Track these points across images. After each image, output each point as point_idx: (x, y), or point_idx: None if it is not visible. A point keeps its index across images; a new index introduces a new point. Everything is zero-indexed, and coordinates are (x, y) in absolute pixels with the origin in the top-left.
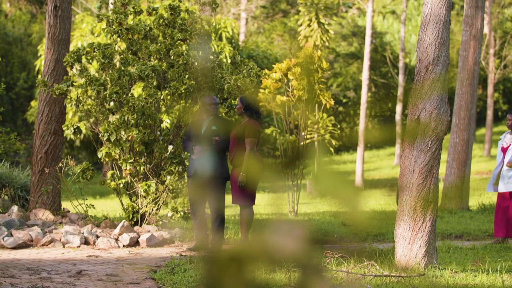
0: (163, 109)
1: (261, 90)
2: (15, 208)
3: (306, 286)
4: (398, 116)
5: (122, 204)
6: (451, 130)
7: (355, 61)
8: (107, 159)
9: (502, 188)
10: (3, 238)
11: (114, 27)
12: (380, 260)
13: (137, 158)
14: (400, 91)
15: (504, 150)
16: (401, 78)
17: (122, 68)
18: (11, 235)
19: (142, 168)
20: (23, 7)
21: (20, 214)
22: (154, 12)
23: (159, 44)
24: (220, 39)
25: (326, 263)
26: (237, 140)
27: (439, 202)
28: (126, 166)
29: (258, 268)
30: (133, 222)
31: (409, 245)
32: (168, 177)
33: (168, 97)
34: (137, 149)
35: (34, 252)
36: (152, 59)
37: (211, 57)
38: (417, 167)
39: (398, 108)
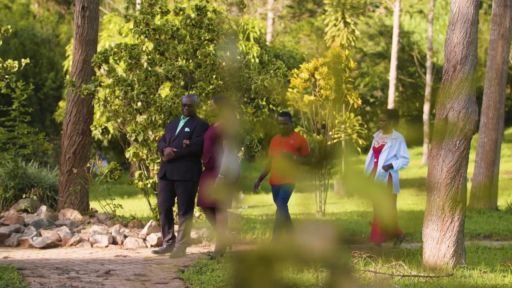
0: None
1: (289, 90)
2: (43, 208)
3: (335, 286)
4: (425, 116)
5: (150, 204)
6: (479, 130)
7: (382, 61)
8: (134, 159)
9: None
10: (32, 238)
11: (141, 27)
12: (408, 260)
13: None
14: (427, 90)
15: (376, 150)
16: (428, 78)
17: (149, 68)
18: (40, 235)
19: None
20: (51, 8)
21: (49, 214)
22: (181, 12)
23: (186, 44)
24: (248, 39)
25: (354, 263)
26: (213, 142)
27: (468, 202)
28: (153, 166)
29: (286, 268)
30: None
31: (437, 245)
32: None
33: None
34: None
35: (63, 251)
36: (179, 59)
37: (238, 57)
38: (445, 166)
39: (426, 107)
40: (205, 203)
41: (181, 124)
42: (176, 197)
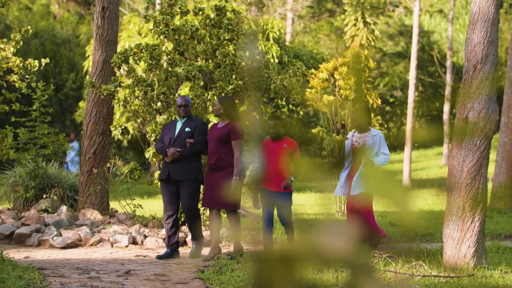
0: (210, 109)
1: (308, 90)
2: (64, 208)
3: (356, 286)
4: (445, 116)
5: None
6: (500, 130)
7: (402, 61)
8: (154, 159)
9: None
10: (52, 238)
11: (161, 27)
12: (428, 260)
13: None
14: (447, 90)
15: (356, 150)
16: (448, 77)
17: (169, 68)
18: (60, 235)
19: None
20: (71, 9)
21: (69, 214)
22: (200, 12)
23: (205, 44)
24: (267, 39)
25: (374, 263)
26: (221, 143)
27: (488, 202)
28: None
29: (306, 268)
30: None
31: (457, 245)
32: None
33: (215, 97)
34: None
35: (83, 251)
36: (199, 60)
37: (258, 57)
38: (466, 166)
39: (446, 107)
40: (213, 204)
41: (179, 125)
42: (180, 198)
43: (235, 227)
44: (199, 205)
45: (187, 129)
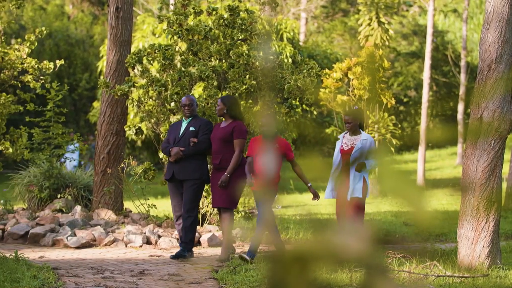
0: None
1: (322, 90)
2: (78, 208)
3: (370, 286)
4: (460, 115)
5: None
6: None
7: (416, 60)
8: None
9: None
10: (66, 238)
11: (174, 28)
12: (442, 260)
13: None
14: (462, 90)
15: (346, 153)
16: (463, 77)
17: (183, 68)
18: (75, 234)
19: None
20: (85, 9)
21: (83, 214)
22: (214, 12)
23: (219, 44)
24: (281, 39)
25: (388, 263)
26: (225, 142)
27: (503, 202)
28: None
29: (320, 268)
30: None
31: (472, 245)
32: None
33: None
34: None
35: (97, 251)
36: (212, 60)
37: (272, 57)
38: (480, 166)
39: (460, 107)
40: (218, 204)
41: (184, 124)
42: None
43: (227, 226)
44: (210, 207)
45: (191, 129)
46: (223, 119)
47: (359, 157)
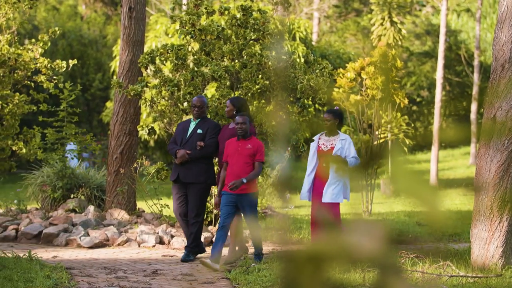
0: None
1: (335, 89)
2: (91, 208)
3: (384, 287)
4: (473, 115)
5: None
6: None
7: (429, 60)
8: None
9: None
10: (80, 238)
11: (187, 28)
12: (456, 261)
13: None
14: (475, 89)
15: (324, 154)
16: (476, 77)
17: (196, 68)
18: (88, 234)
19: (216, 168)
20: (98, 9)
21: (96, 214)
22: (226, 12)
23: (232, 44)
24: (294, 39)
25: (401, 263)
26: None
27: None
28: None
29: (333, 268)
30: (207, 222)
31: (485, 245)
32: None
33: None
34: None
35: (110, 251)
36: (225, 60)
37: (284, 56)
38: (493, 166)
39: (473, 107)
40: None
41: (192, 126)
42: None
43: (237, 230)
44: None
45: (199, 131)
46: (231, 120)
47: (340, 157)
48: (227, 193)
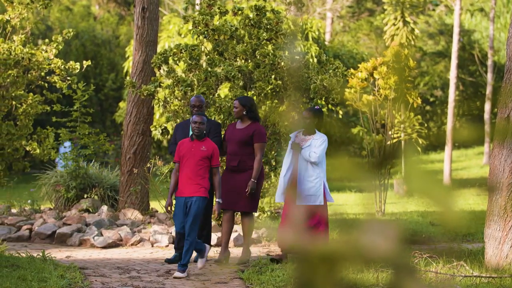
0: None
1: (348, 89)
2: (104, 208)
3: (398, 287)
4: (486, 115)
5: None
6: None
7: (443, 60)
8: None
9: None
10: (93, 238)
11: (200, 28)
12: (469, 261)
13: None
14: (488, 89)
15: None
16: (489, 76)
17: (209, 68)
18: (101, 234)
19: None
20: (111, 9)
21: (110, 214)
22: (239, 12)
23: (245, 44)
24: (307, 39)
25: (415, 263)
26: (244, 144)
27: None
28: None
29: (346, 268)
30: (220, 222)
31: (499, 245)
32: None
33: (254, 97)
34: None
35: (124, 251)
36: (238, 60)
37: (297, 57)
38: (507, 166)
39: (487, 106)
40: (232, 206)
41: None
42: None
43: (249, 230)
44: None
45: None
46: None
47: (298, 145)
48: (181, 197)
